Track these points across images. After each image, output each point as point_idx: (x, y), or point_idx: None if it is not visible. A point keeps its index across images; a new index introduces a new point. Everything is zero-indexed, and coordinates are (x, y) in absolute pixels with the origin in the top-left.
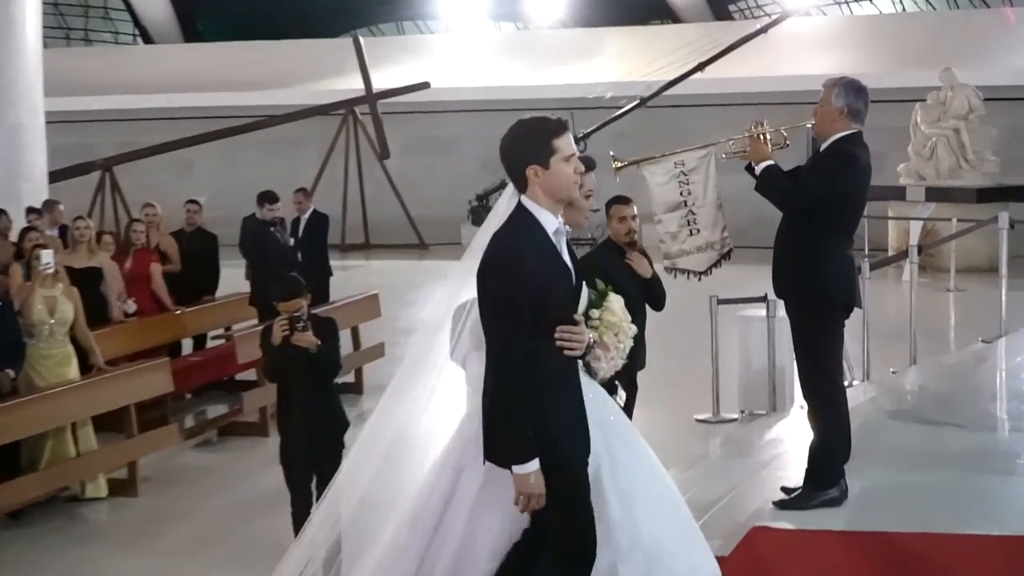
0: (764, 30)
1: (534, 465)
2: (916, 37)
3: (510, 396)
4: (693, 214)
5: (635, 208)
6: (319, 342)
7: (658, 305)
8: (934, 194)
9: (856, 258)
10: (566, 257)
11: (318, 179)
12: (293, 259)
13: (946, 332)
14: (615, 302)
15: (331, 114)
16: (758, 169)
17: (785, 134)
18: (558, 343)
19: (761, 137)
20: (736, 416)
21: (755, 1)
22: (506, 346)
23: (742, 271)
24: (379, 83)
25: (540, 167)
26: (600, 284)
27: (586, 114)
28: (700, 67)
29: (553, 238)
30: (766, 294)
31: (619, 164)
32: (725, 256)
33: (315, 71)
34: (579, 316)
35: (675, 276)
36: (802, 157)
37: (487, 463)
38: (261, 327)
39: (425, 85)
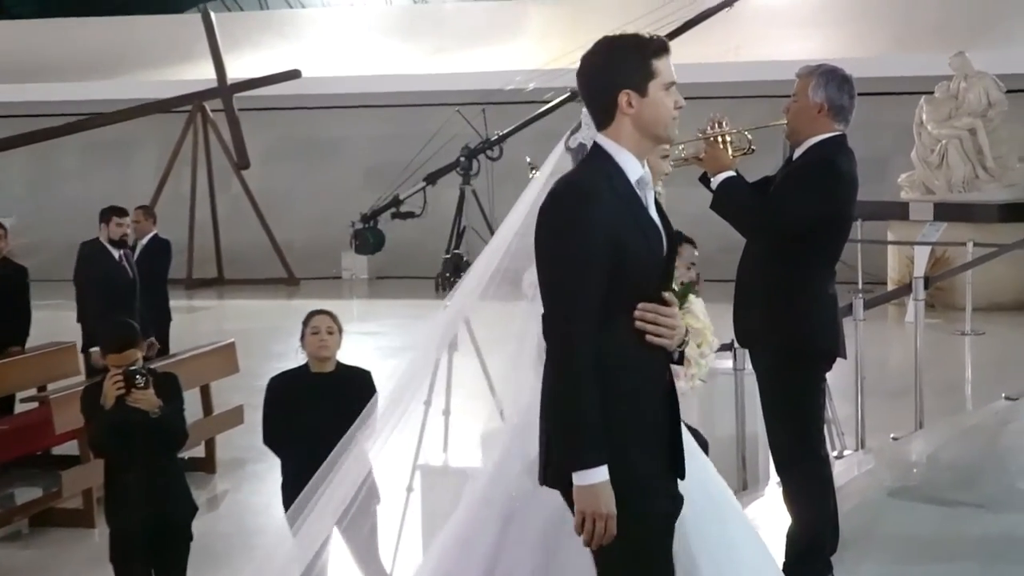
0: (729, 3)
1: (602, 474)
2: (921, 13)
3: (573, 381)
4: None
5: None
6: (161, 403)
7: None
8: (945, 211)
9: (844, 294)
10: (655, 215)
11: (158, 195)
12: (134, 297)
13: (961, 387)
14: (697, 304)
15: (174, 111)
16: (715, 181)
17: (750, 136)
18: (639, 325)
19: (720, 140)
20: None
21: None
22: (569, 313)
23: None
24: (236, 71)
25: (635, 93)
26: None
27: (502, 109)
28: None
29: (637, 189)
30: (732, 341)
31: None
32: None
33: (154, 56)
34: (671, 296)
35: None
36: (777, 163)
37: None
38: (83, 388)
39: (295, 74)
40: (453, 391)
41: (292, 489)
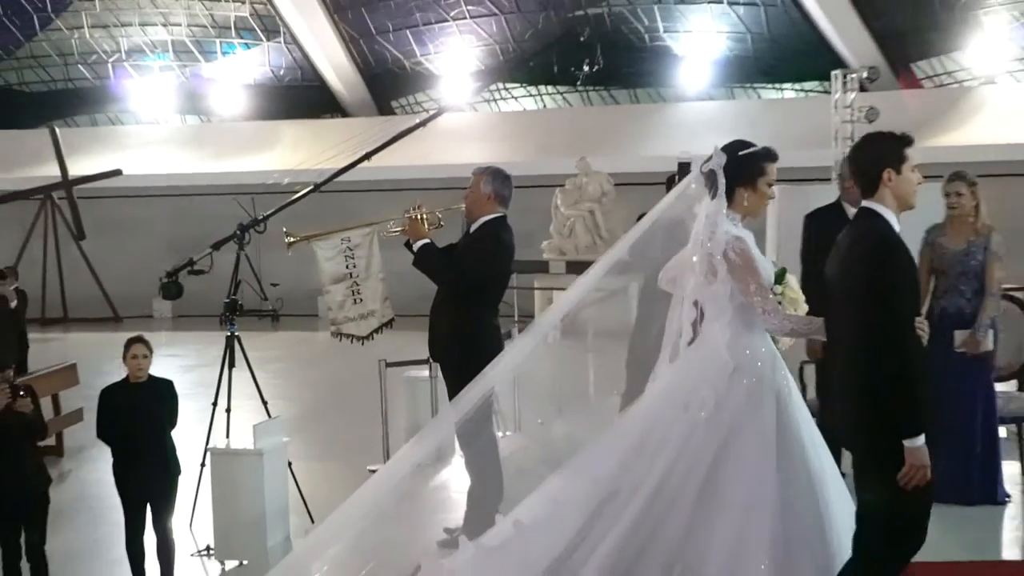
0: (423, 124)
1: (923, 439)
2: (556, 130)
3: (908, 377)
4: (357, 285)
5: None
6: (33, 407)
7: None
8: (573, 267)
9: (504, 324)
10: None
11: (18, 259)
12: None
13: (587, 387)
14: (792, 279)
15: (31, 199)
16: (416, 246)
17: (440, 216)
18: (918, 331)
19: (419, 218)
20: None
21: (415, 99)
22: (903, 330)
23: (408, 338)
24: (75, 170)
25: (894, 171)
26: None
27: (265, 198)
28: (367, 156)
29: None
30: (428, 357)
31: (292, 239)
32: (387, 324)
33: (15, 159)
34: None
35: (340, 340)
36: (458, 234)
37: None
38: None
39: (117, 172)
40: (234, 395)
41: (120, 467)
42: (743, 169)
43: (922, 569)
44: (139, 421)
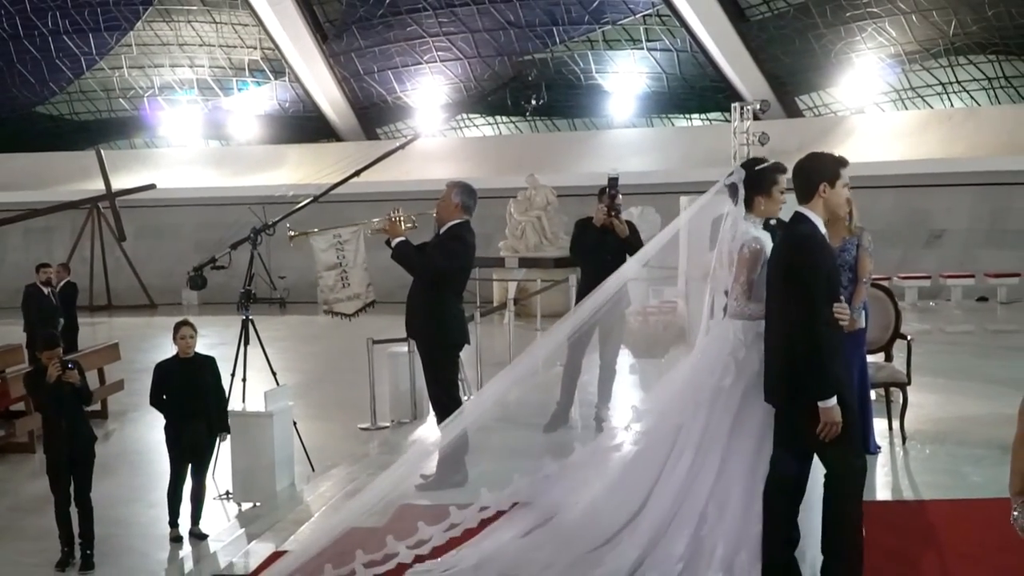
0: (402, 147)
1: (835, 400)
2: (510, 152)
3: (828, 351)
4: (346, 273)
5: None
6: (79, 378)
7: None
8: (524, 262)
9: (468, 309)
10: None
11: (70, 257)
12: (56, 316)
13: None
14: None
15: (80, 208)
16: (394, 243)
17: (415, 218)
18: (836, 315)
19: (397, 220)
20: (388, 424)
21: (395, 127)
22: (816, 312)
23: (391, 320)
24: (117, 185)
25: (828, 185)
26: None
27: (274, 207)
28: (357, 173)
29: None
30: (406, 336)
31: (293, 234)
32: (369, 305)
33: (67, 176)
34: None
35: (331, 317)
36: (430, 235)
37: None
38: (25, 372)
39: (152, 186)
40: (249, 368)
41: (172, 428)
42: (759, 181)
43: None
44: (188, 389)
